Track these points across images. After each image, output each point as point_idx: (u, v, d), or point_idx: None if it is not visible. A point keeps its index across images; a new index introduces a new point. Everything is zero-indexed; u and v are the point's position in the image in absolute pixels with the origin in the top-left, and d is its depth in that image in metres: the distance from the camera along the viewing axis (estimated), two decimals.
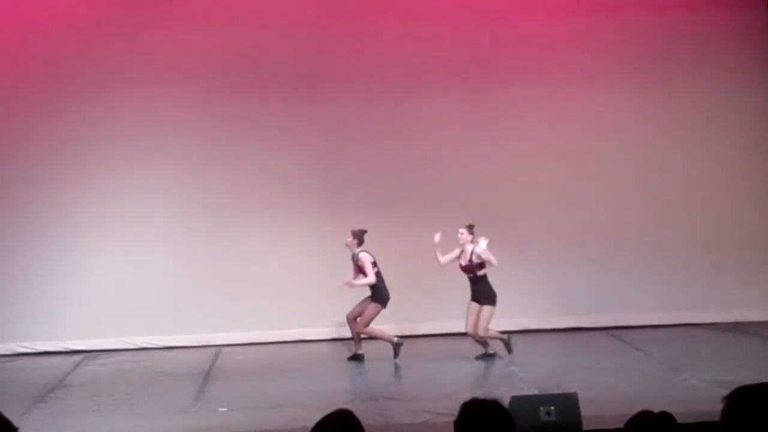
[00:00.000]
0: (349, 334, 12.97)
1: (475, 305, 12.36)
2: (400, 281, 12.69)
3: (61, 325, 13.93)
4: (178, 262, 14.14)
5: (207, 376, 12.27)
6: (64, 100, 14.12)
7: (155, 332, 14.07)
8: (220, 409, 10.57)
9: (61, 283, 14.05)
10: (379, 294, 12.58)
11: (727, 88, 14.66)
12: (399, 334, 13.10)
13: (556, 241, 14.11)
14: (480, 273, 12.28)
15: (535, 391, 10.20)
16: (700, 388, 10.38)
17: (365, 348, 12.67)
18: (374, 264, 12.55)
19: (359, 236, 12.60)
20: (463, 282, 12.53)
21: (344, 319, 12.89)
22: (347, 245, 12.63)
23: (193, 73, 14.25)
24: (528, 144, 14.49)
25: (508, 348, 12.52)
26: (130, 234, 14.15)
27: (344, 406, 4.22)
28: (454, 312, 13.14)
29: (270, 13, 14.30)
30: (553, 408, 7.87)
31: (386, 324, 12.92)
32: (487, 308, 12.29)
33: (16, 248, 14.07)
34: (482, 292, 12.31)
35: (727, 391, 3.14)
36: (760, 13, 14.70)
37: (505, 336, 12.53)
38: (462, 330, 12.68)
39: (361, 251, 12.59)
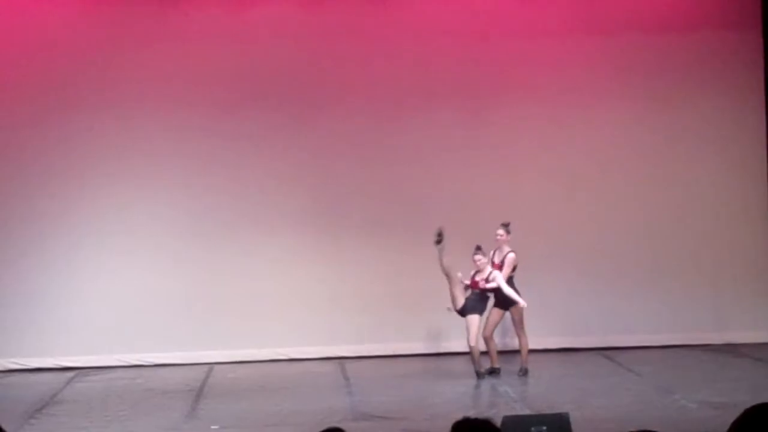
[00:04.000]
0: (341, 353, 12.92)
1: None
2: (393, 300, 12.69)
3: (53, 342, 13.90)
4: (170, 280, 14.11)
5: (199, 394, 12.24)
6: (60, 116, 14.10)
7: (147, 349, 14.03)
8: (213, 427, 10.55)
9: (52, 299, 14.02)
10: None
11: (723, 109, 14.69)
12: (391, 353, 13.09)
13: (549, 261, 14.11)
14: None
15: (527, 411, 10.21)
16: (691, 409, 10.37)
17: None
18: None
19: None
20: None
21: (337, 338, 12.85)
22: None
23: (194, 91, 14.20)
24: (522, 164, 14.50)
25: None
26: (123, 251, 14.12)
27: (337, 425, 4.23)
28: (446, 331, 13.16)
29: (268, 32, 14.28)
30: (545, 428, 7.86)
31: (378, 344, 12.93)
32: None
33: (8, 265, 14.04)
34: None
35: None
36: (755, 35, 14.75)
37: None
38: (454, 349, 12.65)
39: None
